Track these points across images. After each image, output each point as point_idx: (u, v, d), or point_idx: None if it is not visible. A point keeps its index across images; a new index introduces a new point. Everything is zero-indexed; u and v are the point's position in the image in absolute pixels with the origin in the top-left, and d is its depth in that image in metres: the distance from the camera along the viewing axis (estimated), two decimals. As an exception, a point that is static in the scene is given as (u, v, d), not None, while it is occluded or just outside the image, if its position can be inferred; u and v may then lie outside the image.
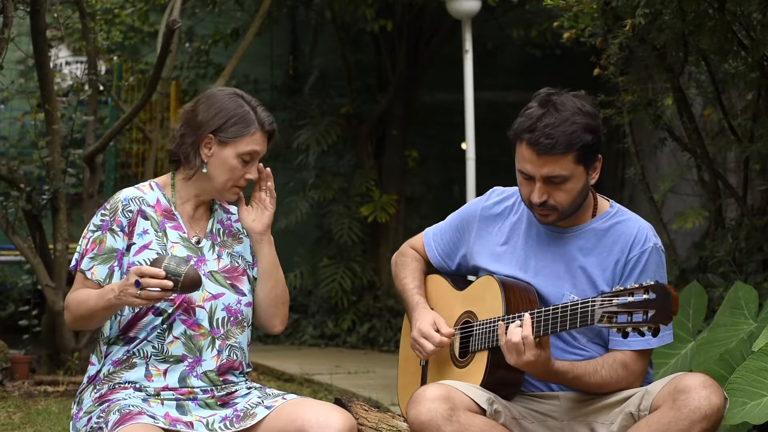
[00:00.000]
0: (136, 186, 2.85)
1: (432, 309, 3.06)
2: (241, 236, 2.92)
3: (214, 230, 2.88)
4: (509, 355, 2.70)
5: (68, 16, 6.07)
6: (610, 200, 2.97)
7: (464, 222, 3.09)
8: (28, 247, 5.58)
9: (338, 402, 2.93)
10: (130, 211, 2.76)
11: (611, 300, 2.55)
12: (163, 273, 2.53)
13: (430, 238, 3.17)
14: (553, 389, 2.89)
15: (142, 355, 2.71)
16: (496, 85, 9.70)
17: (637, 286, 2.52)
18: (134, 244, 2.75)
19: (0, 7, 4.76)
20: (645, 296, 2.49)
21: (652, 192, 5.24)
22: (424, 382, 3.06)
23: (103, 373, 2.74)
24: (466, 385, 2.79)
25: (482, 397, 2.76)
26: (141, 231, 2.76)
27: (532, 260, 2.92)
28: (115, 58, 7.81)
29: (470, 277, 3.16)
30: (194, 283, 2.58)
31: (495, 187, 3.11)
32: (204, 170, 2.78)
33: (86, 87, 6.02)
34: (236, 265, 2.86)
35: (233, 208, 2.97)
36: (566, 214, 2.84)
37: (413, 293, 3.11)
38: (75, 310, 2.72)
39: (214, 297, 2.77)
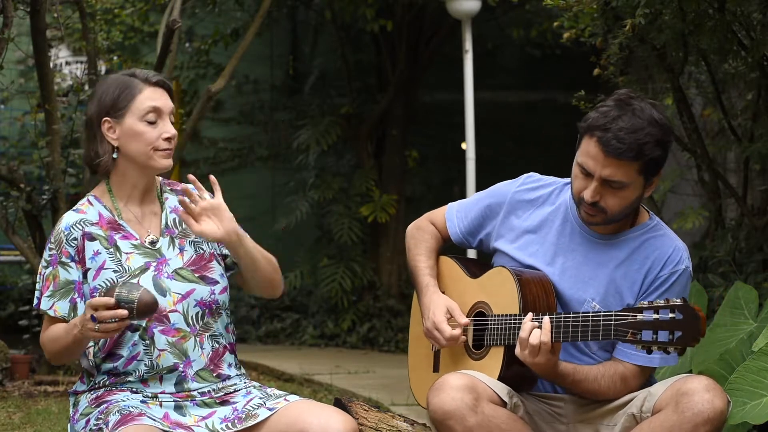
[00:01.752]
0: (74, 208, 2.76)
1: (443, 293, 3.02)
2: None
3: (169, 223, 2.78)
4: (522, 351, 2.69)
5: (68, 16, 6.07)
6: (651, 212, 2.92)
7: (493, 202, 3.01)
8: (28, 247, 5.58)
9: (338, 402, 2.93)
10: (75, 239, 2.69)
11: (635, 315, 2.53)
12: (114, 302, 2.46)
13: (454, 214, 3.09)
14: (558, 391, 2.89)
15: (136, 375, 2.69)
16: (496, 85, 9.71)
17: (662, 303, 2.50)
18: (89, 269, 2.68)
19: (0, 7, 4.76)
20: (671, 315, 2.48)
21: (652, 192, 5.24)
22: (436, 368, 3.04)
23: (96, 383, 2.72)
24: (486, 377, 2.78)
25: (503, 389, 2.76)
26: (91, 254, 2.69)
27: (561, 258, 2.88)
28: (115, 58, 7.81)
29: (470, 254, 3.12)
30: (150, 308, 2.51)
31: (531, 173, 3.04)
32: (115, 155, 2.69)
33: (86, 87, 6.02)
34: (201, 252, 2.77)
35: (189, 187, 2.85)
36: (612, 220, 2.80)
37: (425, 273, 3.05)
38: (50, 349, 2.69)
39: (185, 297, 2.71)
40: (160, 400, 2.68)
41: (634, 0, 3.91)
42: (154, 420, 2.59)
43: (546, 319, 2.67)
